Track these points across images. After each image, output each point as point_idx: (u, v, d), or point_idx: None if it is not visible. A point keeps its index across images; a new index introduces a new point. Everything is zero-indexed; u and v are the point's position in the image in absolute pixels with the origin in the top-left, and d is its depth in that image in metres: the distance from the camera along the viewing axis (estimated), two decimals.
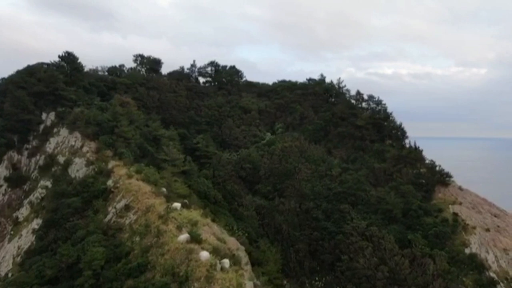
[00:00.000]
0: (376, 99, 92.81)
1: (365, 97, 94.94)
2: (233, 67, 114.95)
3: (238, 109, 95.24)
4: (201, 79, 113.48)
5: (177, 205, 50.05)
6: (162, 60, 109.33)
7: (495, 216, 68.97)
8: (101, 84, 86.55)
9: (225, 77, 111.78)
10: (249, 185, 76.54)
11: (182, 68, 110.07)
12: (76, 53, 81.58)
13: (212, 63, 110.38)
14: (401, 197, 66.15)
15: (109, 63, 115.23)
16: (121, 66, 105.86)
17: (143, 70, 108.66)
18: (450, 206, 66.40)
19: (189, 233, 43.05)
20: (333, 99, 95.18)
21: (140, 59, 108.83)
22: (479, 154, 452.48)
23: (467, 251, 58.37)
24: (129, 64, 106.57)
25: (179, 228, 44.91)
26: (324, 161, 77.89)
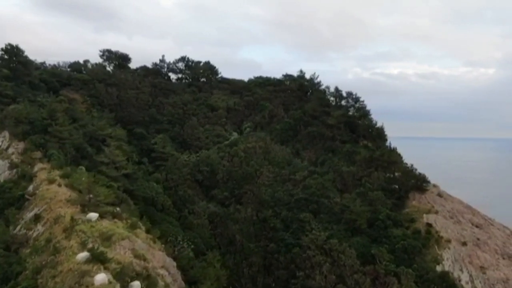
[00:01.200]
0: (354, 96, 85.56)
1: (344, 94, 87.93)
2: (207, 63, 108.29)
3: (205, 107, 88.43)
4: (174, 76, 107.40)
5: (92, 215, 43.05)
6: (130, 56, 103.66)
7: (476, 227, 61.17)
8: (53, 80, 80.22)
9: (198, 74, 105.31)
10: (206, 190, 69.62)
11: (156, 64, 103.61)
12: (80, 53, 79.82)
13: (183, 59, 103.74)
14: (368, 205, 58.70)
15: None
16: (86, 61, 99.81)
17: (110, 66, 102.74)
18: (424, 215, 58.77)
19: (89, 251, 36.14)
20: (307, 97, 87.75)
21: (108, 54, 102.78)
22: (485, 155, 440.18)
23: (438, 268, 50.75)
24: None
25: (84, 244, 37.99)
26: (290, 163, 70.68)
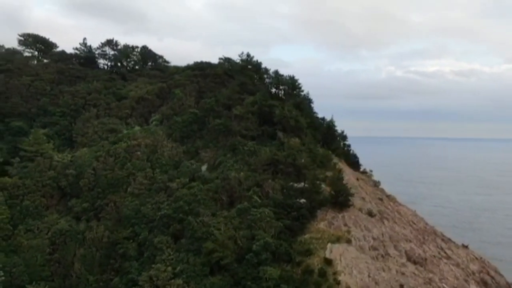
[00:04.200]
0: (292, 78, 67.20)
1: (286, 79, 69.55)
2: (145, 47, 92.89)
3: (113, 96, 72.75)
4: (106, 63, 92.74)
5: None
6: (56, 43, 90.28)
7: (414, 263, 41.54)
8: None
9: (128, 60, 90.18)
10: (69, 199, 53.90)
11: (77, 49, 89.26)
12: None
13: (110, 42, 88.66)
14: (247, 228, 40.63)
15: None
16: (1, 47, 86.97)
17: (32, 52, 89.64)
18: (328, 245, 39.98)
19: None
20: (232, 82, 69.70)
21: (31, 39, 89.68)
22: None
23: None
24: None
25: None
26: (177, 167, 53.58)
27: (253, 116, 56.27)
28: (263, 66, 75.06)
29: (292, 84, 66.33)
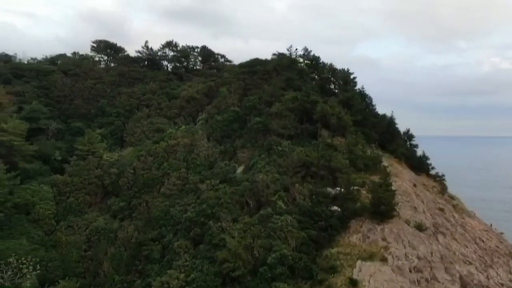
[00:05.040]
0: (345, 72, 61.23)
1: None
2: (204, 48, 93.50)
3: (165, 96, 73.72)
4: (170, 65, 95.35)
5: None
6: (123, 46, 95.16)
7: None
8: (7, 72, 75.41)
9: (187, 60, 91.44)
10: (110, 197, 55.08)
11: (139, 53, 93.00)
12: None
13: (170, 44, 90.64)
14: (266, 238, 36.57)
15: None
16: (75, 54, 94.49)
17: (104, 57, 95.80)
18: (358, 263, 34.04)
19: None
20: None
21: (102, 45, 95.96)
22: None
23: None
24: None
25: None
26: (212, 167, 51.44)
27: (292, 113, 51.60)
28: (323, 61, 70.02)
29: (343, 79, 60.14)
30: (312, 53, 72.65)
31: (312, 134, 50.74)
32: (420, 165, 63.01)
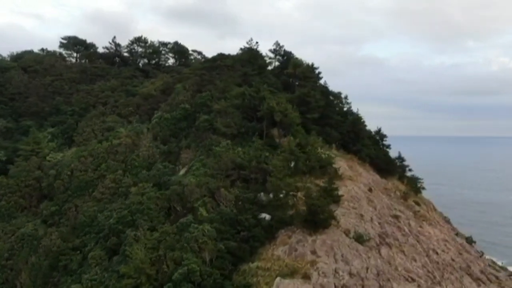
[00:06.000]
0: (309, 66, 56.91)
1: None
2: (176, 43, 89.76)
3: (124, 94, 69.85)
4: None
5: None
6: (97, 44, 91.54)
7: None
8: None
9: (159, 56, 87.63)
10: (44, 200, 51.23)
11: (107, 48, 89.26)
12: None
13: (139, 40, 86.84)
14: (179, 250, 32.16)
15: None
16: (43, 50, 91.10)
17: (73, 54, 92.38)
18: (276, 280, 29.50)
19: None
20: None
21: (72, 41, 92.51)
22: None
23: None
24: None
25: None
26: (149, 169, 47.28)
27: (238, 110, 47.16)
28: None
29: (302, 73, 55.64)
30: (283, 48, 68.98)
31: (261, 134, 46.25)
32: (388, 167, 58.32)
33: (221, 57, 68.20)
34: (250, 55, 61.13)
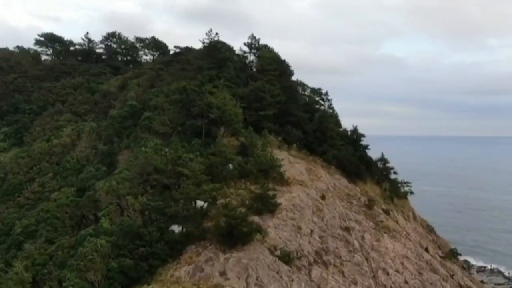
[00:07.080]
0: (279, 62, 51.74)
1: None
2: (153, 38, 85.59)
3: (85, 91, 65.95)
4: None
5: None
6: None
7: None
8: None
9: (135, 52, 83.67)
10: None
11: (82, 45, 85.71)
12: None
13: (113, 35, 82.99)
14: (67, 268, 27.40)
15: None
16: (18, 47, 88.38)
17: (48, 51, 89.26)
18: None
19: None
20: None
21: (48, 38, 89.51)
22: None
23: None
24: None
25: None
26: (80, 171, 42.87)
27: (176, 106, 42.14)
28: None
29: (262, 66, 50.33)
30: (260, 42, 63.93)
31: (207, 132, 41.16)
32: (359, 171, 52.29)
33: (186, 51, 63.47)
34: (209, 48, 56.08)
